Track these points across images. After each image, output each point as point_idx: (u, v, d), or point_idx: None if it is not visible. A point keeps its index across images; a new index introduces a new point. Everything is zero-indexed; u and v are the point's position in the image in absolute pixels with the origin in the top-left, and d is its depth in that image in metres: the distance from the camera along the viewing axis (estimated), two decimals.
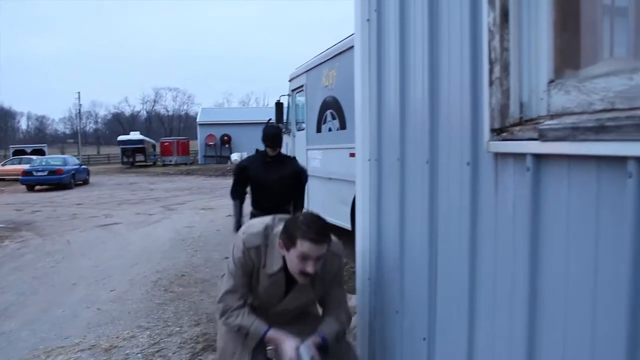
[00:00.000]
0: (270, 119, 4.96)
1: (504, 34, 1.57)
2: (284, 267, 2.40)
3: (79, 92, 57.31)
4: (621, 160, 1.09)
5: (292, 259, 2.29)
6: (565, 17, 1.53)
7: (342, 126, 7.47)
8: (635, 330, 1.07)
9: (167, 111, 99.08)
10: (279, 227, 2.45)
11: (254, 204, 4.95)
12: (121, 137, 45.77)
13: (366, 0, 2.88)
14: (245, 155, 38.59)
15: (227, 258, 2.68)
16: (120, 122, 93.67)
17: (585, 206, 1.23)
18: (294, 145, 9.69)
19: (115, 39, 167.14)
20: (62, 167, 24.24)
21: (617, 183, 1.12)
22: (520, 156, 1.48)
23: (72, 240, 9.96)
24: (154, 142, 50.77)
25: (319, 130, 8.48)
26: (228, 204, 17.05)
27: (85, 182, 26.52)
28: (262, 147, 5.00)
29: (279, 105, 10.53)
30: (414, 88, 2.22)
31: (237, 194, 5.04)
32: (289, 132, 10.03)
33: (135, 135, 45.51)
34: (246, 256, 2.46)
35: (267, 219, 2.58)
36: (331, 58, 7.93)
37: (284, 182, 4.83)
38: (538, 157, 1.41)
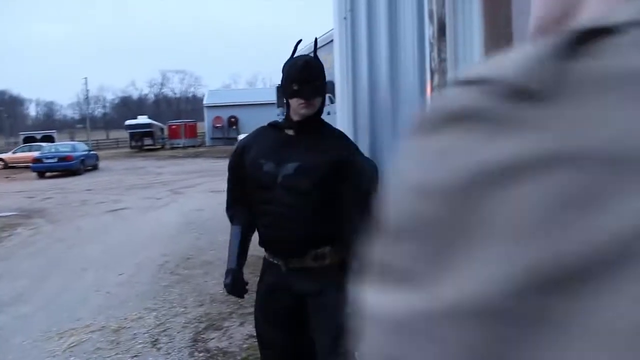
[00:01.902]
0: (300, 41, 2.64)
1: (441, 46, 1.78)
2: None
3: (86, 78, 57.38)
4: None
5: None
6: (496, 30, 1.74)
7: None
8: None
9: (175, 94, 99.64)
10: None
11: (259, 234, 2.55)
12: (129, 122, 46.07)
13: (342, 2, 3.09)
14: None
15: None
16: (128, 105, 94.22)
17: None
18: None
19: (120, 22, 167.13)
20: (71, 154, 24.62)
21: None
22: None
23: (82, 226, 10.28)
24: (162, 125, 51.08)
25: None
26: None
27: (95, 168, 26.87)
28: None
29: (280, 89, 10.76)
30: (378, 96, 2.46)
31: (233, 208, 2.63)
32: None
33: (142, 119, 45.81)
34: None
35: None
36: (326, 44, 8.10)
37: (308, 181, 2.29)
38: None
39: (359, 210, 2.20)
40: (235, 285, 2.52)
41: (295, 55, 2.45)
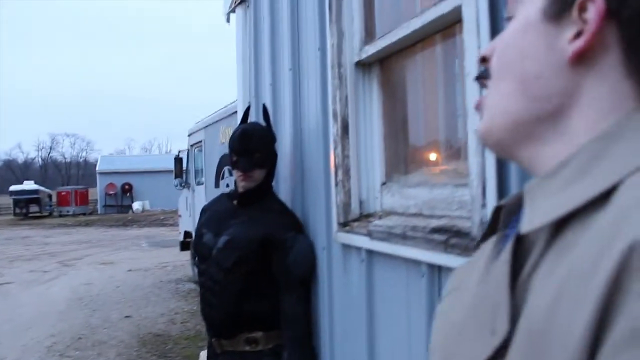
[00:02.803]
0: (249, 107, 2.76)
1: (344, 143, 1.90)
2: None
3: None
4: (418, 262, 1.42)
5: None
6: (394, 130, 1.89)
7: None
8: None
9: (65, 158, 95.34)
10: None
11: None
12: (13, 187, 43.44)
13: (247, 87, 3.19)
14: (147, 204, 37.84)
15: (127, 317, 2.53)
16: (12, 169, 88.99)
17: (401, 295, 1.55)
18: (193, 200, 9.82)
19: (4, 83, 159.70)
20: None
21: (417, 279, 1.44)
22: (358, 248, 1.80)
23: None
24: (50, 191, 48.53)
25: (217, 185, 8.69)
26: (129, 257, 16.04)
27: None
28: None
29: (178, 160, 10.70)
30: (282, 189, 2.55)
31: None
32: (188, 185, 10.19)
33: (29, 185, 43.37)
34: None
35: None
36: (228, 116, 8.22)
37: (232, 257, 2.19)
38: (369, 251, 1.72)
39: (289, 293, 2.19)
40: None
41: (247, 121, 2.50)
